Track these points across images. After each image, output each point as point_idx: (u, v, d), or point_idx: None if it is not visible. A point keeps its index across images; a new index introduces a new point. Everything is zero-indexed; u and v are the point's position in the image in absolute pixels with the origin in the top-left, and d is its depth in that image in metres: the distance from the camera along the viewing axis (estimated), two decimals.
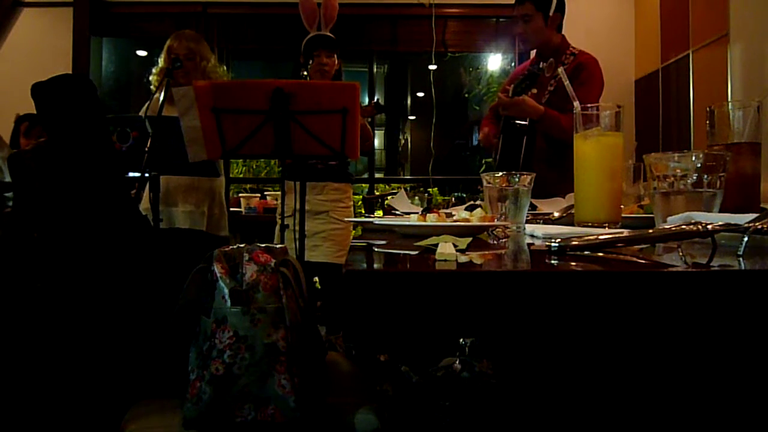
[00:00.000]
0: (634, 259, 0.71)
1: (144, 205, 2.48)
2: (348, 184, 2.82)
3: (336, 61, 2.73)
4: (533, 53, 2.72)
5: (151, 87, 2.80)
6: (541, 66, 2.43)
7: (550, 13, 2.40)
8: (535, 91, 2.41)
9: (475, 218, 1.06)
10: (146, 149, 2.29)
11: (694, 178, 0.95)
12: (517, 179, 1.17)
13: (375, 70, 5.00)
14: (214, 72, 2.80)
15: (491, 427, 0.58)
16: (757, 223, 0.67)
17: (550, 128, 2.31)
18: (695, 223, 0.65)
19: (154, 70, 2.79)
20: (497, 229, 1.12)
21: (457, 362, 0.56)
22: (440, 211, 1.29)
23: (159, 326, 1.46)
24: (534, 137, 2.35)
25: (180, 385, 1.26)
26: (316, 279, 2.77)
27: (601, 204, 1.09)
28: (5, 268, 1.76)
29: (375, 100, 2.99)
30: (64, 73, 2.01)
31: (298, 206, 2.21)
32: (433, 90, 4.48)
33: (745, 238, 0.65)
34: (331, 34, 2.73)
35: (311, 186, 2.60)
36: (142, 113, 2.72)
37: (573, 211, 1.17)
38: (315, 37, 2.71)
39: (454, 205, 2.56)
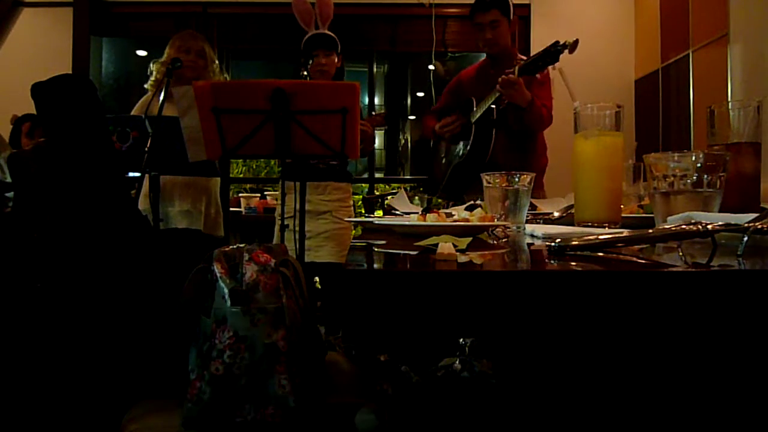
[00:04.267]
0: (634, 259, 0.71)
1: (141, 205, 2.48)
2: (349, 183, 2.82)
3: (336, 60, 2.71)
4: (484, 55, 2.86)
5: (146, 86, 2.79)
6: (564, 43, 2.35)
7: (511, 17, 2.58)
8: (553, 68, 2.41)
9: (475, 218, 1.06)
10: (146, 149, 2.29)
11: (694, 178, 0.95)
12: (517, 179, 1.17)
13: (375, 70, 4.99)
14: (218, 77, 2.81)
15: (491, 427, 0.58)
16: (757, 223, 0.66)
17: (531, 116, 2.43)
18: (695, 223, 0.65)
19: (153, 67, 2.78)
20: (497, 229, 1.12)
21: (457, 362, 0.56)
22: (440, 211, 1.29)
23: (159, 326, 1.46)
24: (501, 128, 2.51)
25: (180, 385, 1.26)
26: (317, 279, 2.77)
27: (601, 204, 1.09)
28: (5, 268, 1.76)
29: (384, 112, 3.07)
30: (64, 73, 2.01)
31: (298, 206, 2.21)
32: (433, 90, 4.47)
33: (745, 238, 0.65)
34: (330, 33, 2.72)
35: (313, 186, 2.60)
36: (134, 112, 2.72)
37: (573, 211, 1.17)
38: (313, 36, 2.69)
39: (454, 205, 2.56)
